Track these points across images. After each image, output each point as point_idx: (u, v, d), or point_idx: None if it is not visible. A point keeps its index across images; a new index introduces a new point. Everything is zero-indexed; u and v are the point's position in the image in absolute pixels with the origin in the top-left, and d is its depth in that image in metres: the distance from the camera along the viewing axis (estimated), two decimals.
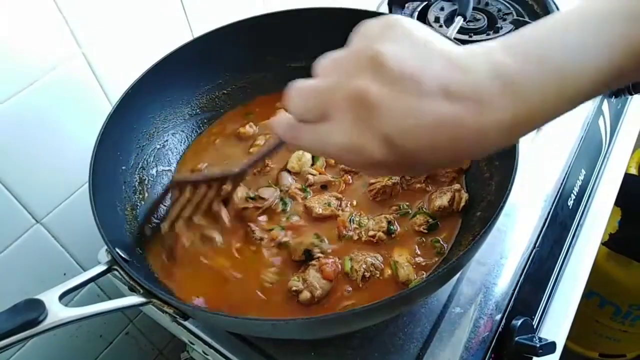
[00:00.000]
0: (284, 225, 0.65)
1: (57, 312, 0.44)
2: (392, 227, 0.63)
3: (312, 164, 0.71)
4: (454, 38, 0.69)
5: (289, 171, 0.71)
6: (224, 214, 0.61)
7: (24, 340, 0.42)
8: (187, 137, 0.77)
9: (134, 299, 0.48)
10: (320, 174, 0.70)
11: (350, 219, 0.64)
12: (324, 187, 0.69)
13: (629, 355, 1.59)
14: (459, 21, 0.79)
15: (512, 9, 1.06)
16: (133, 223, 0.63)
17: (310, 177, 0.70)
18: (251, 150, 0.75)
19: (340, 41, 0.73)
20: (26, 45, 0.64)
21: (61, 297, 0.45)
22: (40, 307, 0.43)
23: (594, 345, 1.59)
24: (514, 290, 0.64)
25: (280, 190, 0.68)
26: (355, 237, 0.63)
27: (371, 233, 0.62)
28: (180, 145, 0.76)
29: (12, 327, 0.42)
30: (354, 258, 0.60)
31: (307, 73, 0.32)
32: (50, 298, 0.45)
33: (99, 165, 0.58)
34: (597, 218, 0.87)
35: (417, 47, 0.29)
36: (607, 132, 0.95)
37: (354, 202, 0.67)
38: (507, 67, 0.28)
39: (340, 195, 0.68)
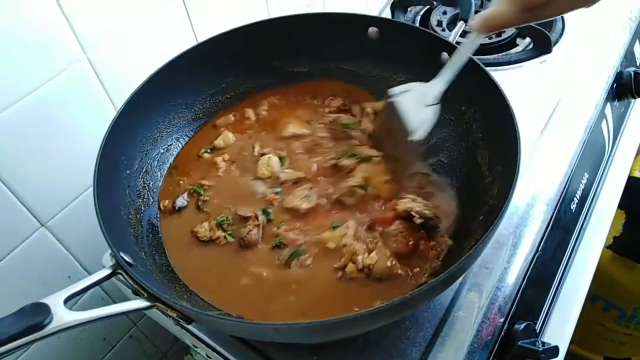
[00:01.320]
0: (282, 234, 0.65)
1: (62, 315, 0.44)
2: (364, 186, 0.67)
3: (282, 165, 0.72)
4: (456, 42, 0.69)
5: (260, 179, 0.71)
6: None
7: (29, 344, 0.43)
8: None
9: (138, 303, 0.48)
10: (293, 169, 0.71)
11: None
12: (296, 183, 0.70)
13: (634, 358, 1.58)
14: (461, 25, 0.79)
15: None
16: (137, 227, 0.64)
17: (282, 175, 0.70)
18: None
19: (342, 46, 0.74)
20: (31, 49, 0.64)
21: (66, 300, 0.46)
22: (46, 311, 0.44)
23: (598, 348, 1.58)
24: (517, 294, 0.64)
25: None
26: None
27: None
28: None
29: (18, 330, 0.42)
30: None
31: (309, 78, 0.33)
32: (55, 302, 0.45)
33: (104, 169, 0.58)
34: (601, 221, 0.87)
35: None
36: (610, 135, 0.94)
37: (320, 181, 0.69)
38: None
39: (310, 185, 0.69)
